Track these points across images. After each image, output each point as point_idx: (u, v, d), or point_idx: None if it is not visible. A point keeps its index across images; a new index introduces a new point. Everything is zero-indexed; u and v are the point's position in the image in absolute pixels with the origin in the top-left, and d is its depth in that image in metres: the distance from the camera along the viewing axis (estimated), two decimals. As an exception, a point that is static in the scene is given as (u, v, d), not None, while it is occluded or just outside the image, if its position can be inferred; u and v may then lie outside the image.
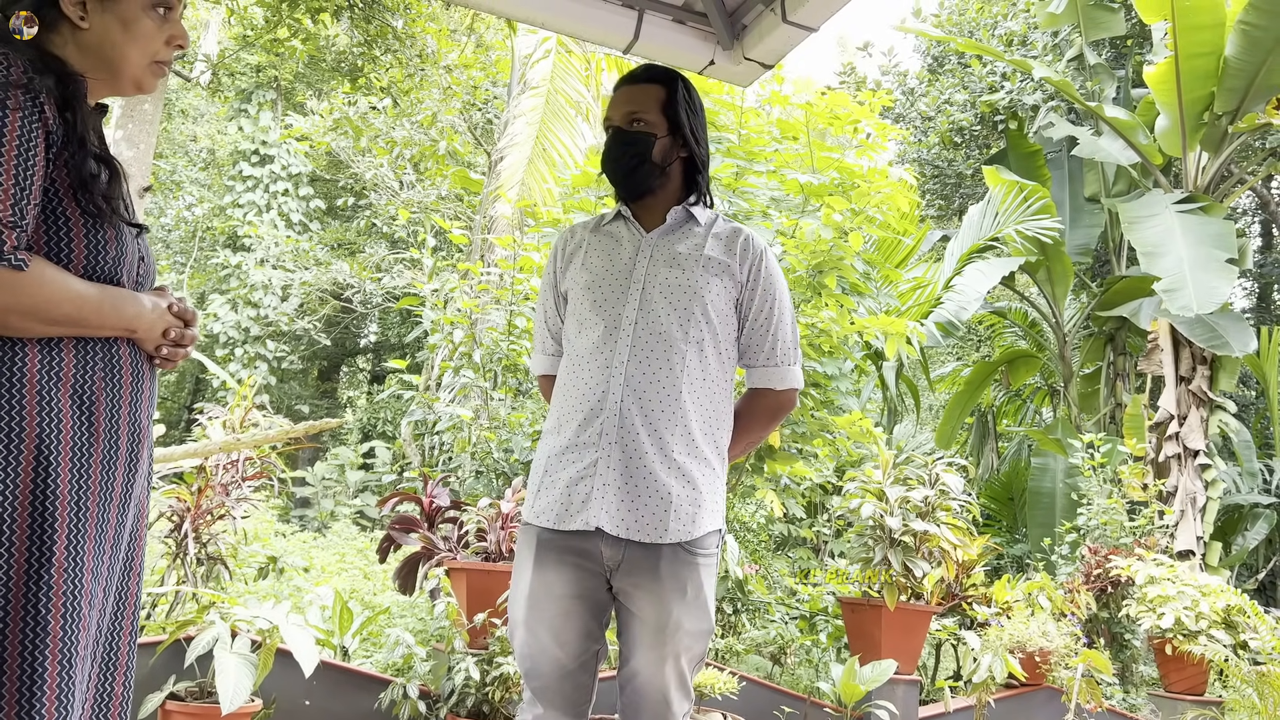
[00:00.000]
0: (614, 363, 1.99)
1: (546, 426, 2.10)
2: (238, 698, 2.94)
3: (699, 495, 1.98)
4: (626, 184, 2.11)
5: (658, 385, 1.98)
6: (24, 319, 1.31)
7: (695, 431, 2.00)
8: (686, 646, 1.95)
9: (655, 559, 1.93)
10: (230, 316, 15.39)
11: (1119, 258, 10.73)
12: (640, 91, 2.12)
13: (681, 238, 2.11)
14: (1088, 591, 5.28)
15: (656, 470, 1.95)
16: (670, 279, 2.05)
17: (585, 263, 2.12)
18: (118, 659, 1.47)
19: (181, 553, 4.03)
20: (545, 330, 2.23)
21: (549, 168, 8.63)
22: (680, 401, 1.99)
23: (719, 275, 2.08)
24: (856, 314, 5.03)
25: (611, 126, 2.11)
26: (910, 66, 14.42)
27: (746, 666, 4.78)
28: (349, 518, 11.74)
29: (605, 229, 2.17)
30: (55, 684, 1.28)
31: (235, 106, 16.22)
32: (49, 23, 1.43)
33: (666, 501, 1.94)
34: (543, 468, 2.04)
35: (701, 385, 2.03)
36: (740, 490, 5.09)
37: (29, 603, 1.27)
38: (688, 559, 1.95)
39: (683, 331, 2.02)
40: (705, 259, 2.08)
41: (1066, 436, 8.85)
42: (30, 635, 1.27)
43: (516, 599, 2.01)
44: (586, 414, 1.99)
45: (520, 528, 2.08)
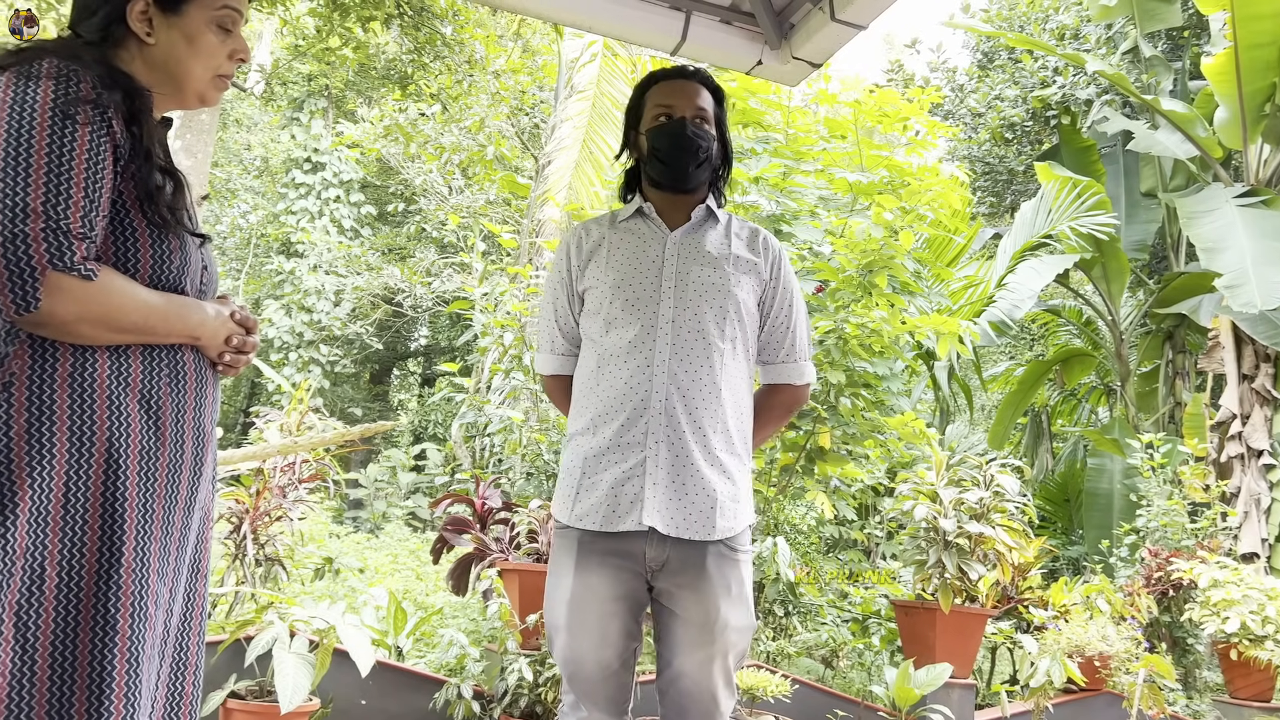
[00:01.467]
0: (655, 361, 1.99)
1: (576, 427, 2.07)
2: (296, 697, 2.99)
3: (738, 491, 2.01)
4: (689, 175, 2.10)
5: (700, 383, 1.99)
6: (94, 327, 1.34)
7: (732, 428, 2.03)
8: (733, 643, 1.96)
9: (701, 557, 1.94)
10: (284, 321, 15.66)
11: (1177, 253, 10.48)
12: (699, 92, 2.13)
13: (705, 235, 2.11)
14: (1148, 595, 5.16)
15: (702, 468, 1.96)
16: (705, 277, 2.05)
17: (610, 261, 2.10)
18: (187, 658, 1.50)
19: (240, 554, 4.11)
20: (556, 329, 2.19)
21: (596, 171, 8.66)
22: (720, 399, 2.01)
23: (748, 273, 2.10)
24: (908, 313, 4.98)
25: (677, 116, 2.09)
26: (959, 63, 14.24)
27: (798, 669, 4.75)
28: (401, 519, 11.87)
29: (624, 225, 2.15)
30: (123, 681, 1.32)
31: (288, 115, 16.51)
32: (117, 39, 1.48)
33: (713, 499, 1.96)
34: (579, 470, 2.02)
35: (736, 382, 2.05)
36: (791, 492, 5.06)
37: (99, 602, 1.31)
38: (730, 555, 1.97)
39: (719, 329, 2.03)
40: (735, 257, 2.09)
41: (1124, 436, 8.67)
42: (100, 634, 1.30)
43: (556, 603, 2.00)
44: (630, 414, 1.98)
45: (556, 531, 2.06)
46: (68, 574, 1.30)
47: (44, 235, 1.28)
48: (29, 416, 1.32)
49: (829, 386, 4.63)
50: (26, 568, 1.28)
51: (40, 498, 1.30)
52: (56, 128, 1.31)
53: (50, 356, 1.34)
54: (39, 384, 1.33)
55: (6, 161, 1.29)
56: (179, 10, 1.49)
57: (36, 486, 1.30)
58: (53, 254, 1.28)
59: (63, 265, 1.29)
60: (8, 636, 1.26)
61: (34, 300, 1.28)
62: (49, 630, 1.28)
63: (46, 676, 1.27)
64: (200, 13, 1.50)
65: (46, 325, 1.31)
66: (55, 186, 1.30)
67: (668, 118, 2.10)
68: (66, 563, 1.30)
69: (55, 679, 1.28)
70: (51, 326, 1.32)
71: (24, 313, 1.28)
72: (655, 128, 2.10)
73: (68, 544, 1.30)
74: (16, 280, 1.27)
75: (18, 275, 1.27)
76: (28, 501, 1.30)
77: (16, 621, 1.27)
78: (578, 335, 2.16)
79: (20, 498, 1.30)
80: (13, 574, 1.28)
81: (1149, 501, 6.48)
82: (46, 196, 1.29)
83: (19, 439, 1.31)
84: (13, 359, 1.33)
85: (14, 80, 1.33)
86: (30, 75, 1.33)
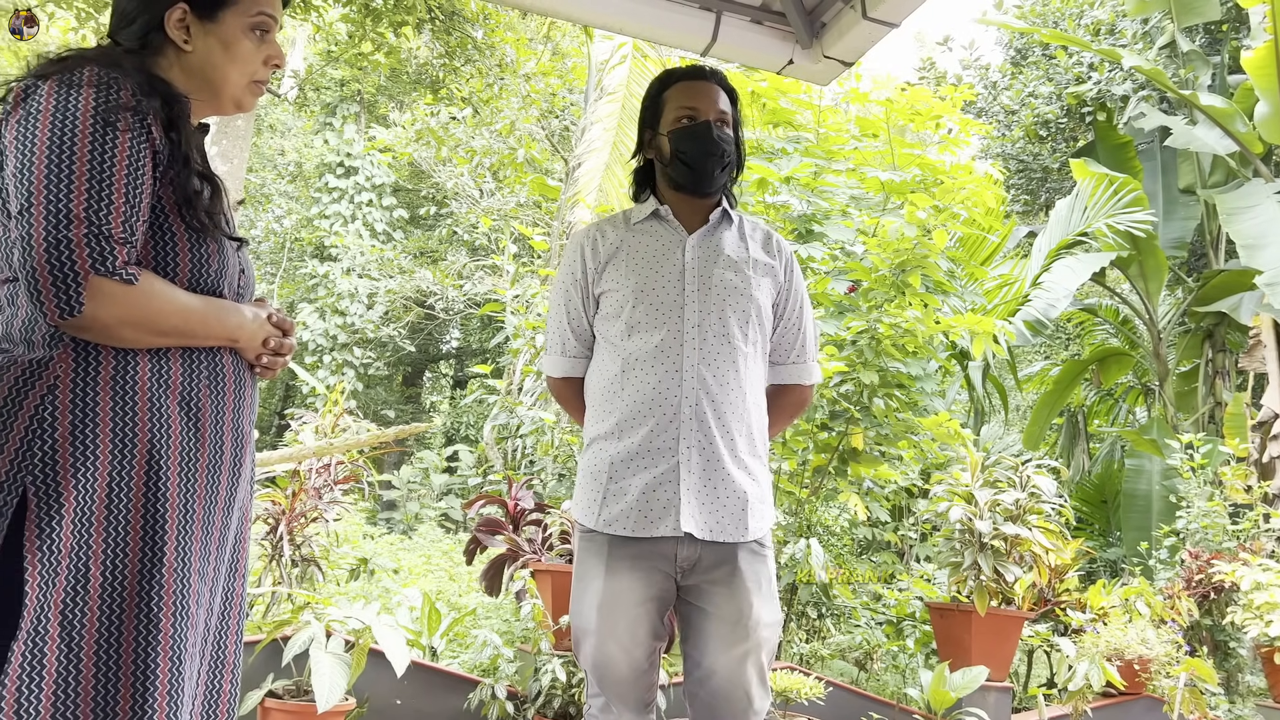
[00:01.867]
0: (684, 366, 1.98)
1: (598, 431, 2.05)
2: (333, 696, 3.01)
3: (764, 491, 2.04)
4: (713, 179, 2.09)
5: (727, 387, 2.00)
6: (135, 330, 1.36)
7: (755, 430, 2.05)
8: (766, 639, 1.97)
9: (733, 556, 1.96)
10: (318, 324, 15.82)
11: (1217, 251, 10.31)
12: (721, 94, 2.12)
13: (722, 238, 2.11)
14: (1189, 597, 5.08)
15: (732, 471, 1.98)
16: (727, 280, 2.05)
17: (629, 264, 2.07)
18: (225, 657, 1.52)
19: (277, 554, 4.15)
20: (567, 331, 2.16)
21: (626, 172, 8.62)
22: (745, 402, 2.02)
23: (766, 276, 2.11)
24: (941, 313, 4.94)
25: (701, 119, 2.07)
26: (992, 60, 14.10)
27: (832, 672, 4.72)
28: (434, 520, 11.94)
29: (640, 228, 2.13)
30: (166, 679, 1.33)
31: (321, 120, 16.68)
32: (155, 46, 1.50)
33: (744, 500, 1.98)
34: (605, 474, 2.00)
35: (756, 384, 2.08)
36: (823, 493, 5.04)
37: (142, 601, 1.33)
38: (760, 552, 2.01)
39: (743, 333, 2.04)
40: (754, 260, 2.10)
41: (1163, 437, 8.53)
42: (143, 632, 1.32)
43: (586, 607, 1.99)
44: (659, 419, 1.97)
45: (581, 535, 2.05)
46: (111, 573, 1.32)
47: (86, 240, 1.30)
48: (73, 419, 1.34)
49: (862, 387, 4.60)
50: (71, 567, 1.30)
51: (84, 498, 1.32)
52: (98, 135, 1.33)
53: (93, 360, 1.37)
54: (82, 387, 1.35)
55: (50, 168, 1.31)
56: (215, 18, 1.51)
57: (81, 487, 1.33)
58: (95, 259, 1.30)
59: (105, 270, 1.31)
60: (54, 635, 1.28)
61: (78, 305, 1.30)
62: (94, 628, 1.30)
63: (92, 674, 1.29)
64: (236, 20, 1.52)
65: (89, 329, 1.33)
66: (97, 192, 1.32)
67: (691, 120, 2.07)
68: (110, 562, 1.32)
69: (100, 676, 1.30)
70: (94, 330, 1.34)
71: (68, 317, 1.30)
72: (679, 130, 2.08)
73: (111, 544, 1.32)
74: (60, 285, 1.29)
75: (61, 280, 1.29)
76: (72, 502, 1.32)
77: (62, 620, 1.29)
78: (591, 338, 2.14)
79: (65, 498, 1.32)
80: (58, 573, 1.30)
81: (1189, 503, 6.37)
82: (89, 202, 1.31)
83: (63, 441, 1.33)
84: (56, 363, 1.35)
85: (56, 88, 1.35)
86: (72, 83, 1.35)
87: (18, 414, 1.33)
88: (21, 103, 1.37)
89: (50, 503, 1.32)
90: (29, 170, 1.32)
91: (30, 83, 1.38)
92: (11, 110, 1.38)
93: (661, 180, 2.15)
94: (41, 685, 1.27)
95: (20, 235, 1.31)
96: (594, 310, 2.12)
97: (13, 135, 1.35)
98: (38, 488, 1.32)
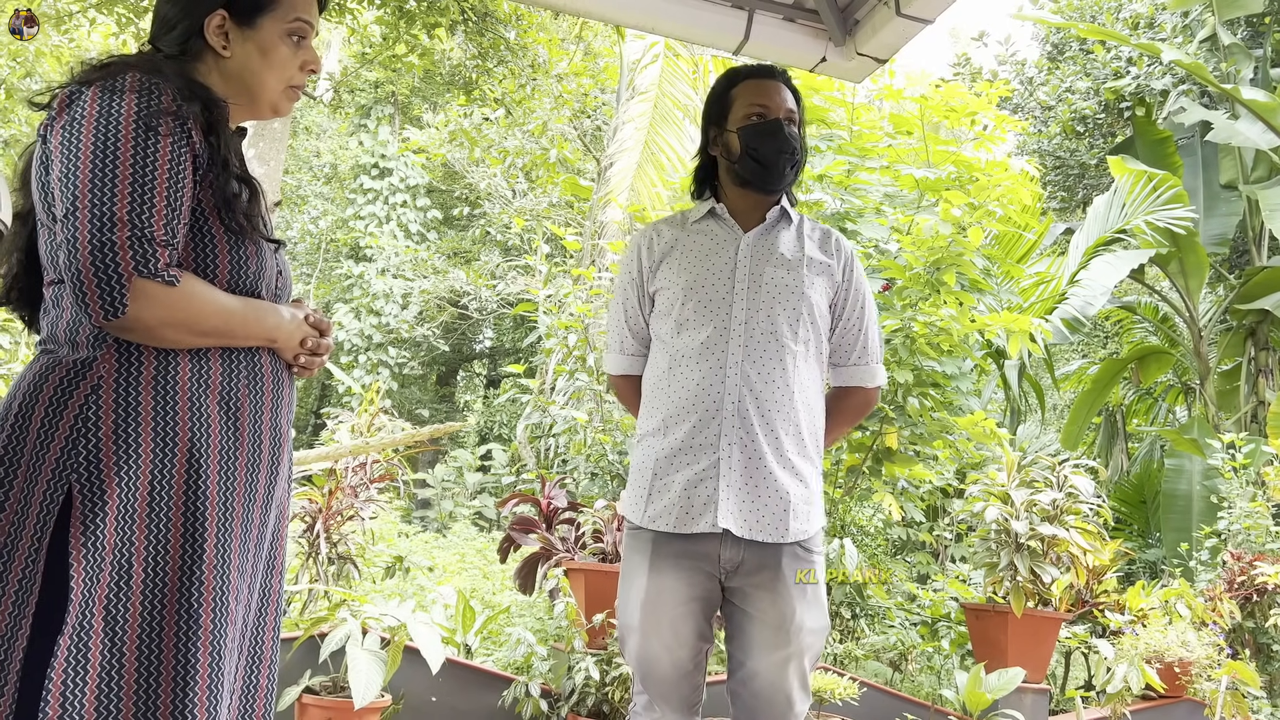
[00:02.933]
0: (728, 363, 1.99)
1: (647, 428, 2.07)
2: (369, 693, 3.05)
3: (811, 494, 2.01)
4: (782, 176, 2.09)
5: (773, 386, 1.98)
6: (176, 331, 1.39)
7: (804, 431, 2.02)
8: (809, 645, 1.96)
9: (776, 558, 1.94)
10: (354, 324, 15.97)
11: (1259, 247, 10.12)
12: (785, 93, 2.12)
13: (778, 237, 2.10)
14: (1231, 599, 5.00)
15: (775, 471, 1.96)
16: (779, 279, 2.04)
17: (682, 262, 2.09)
18: (263, 653, 1.54)
19: (314, 552, 4.20)
20: (626, 330, 2.19)
21: (658, 172, 8.66)
22: (793, 401, 2.00)
23: (821, 275, 2.08)
24: (977, 311, 4.89)
25: (770, 116, 2.07)
26: (1028, 55, 13.92)
27: (866, 673, 4.69)
28: (468, 519, 12.02)
29: (696, 227, 2.14)
30: (206, 673, 1.36)
31: (355, 122, 16.83)
32: (195, 52, 1.53)
33: (786, 501, 1.95)
34: (651, 471, 2.02)
35: (808, 385, 2.04)
36: (857, 493, 5.01)
37: (183, 597, 1.35)
38: (805, 557, 1.97)
39: (792, 332, 2.02)
40: (809, 259, 2.08)
41: (1204, 436, 8.39)
42: (184, 627, 1.35)
43: (630, 605, 2.01)
44: (701, 415, 1.98)
45: (628, 532, 2.07)
46: (153, 570, 1.34)
47: (130, 243, 1.33)
48: (116, 418, 1.37)
49: (896, 386, 4.57)
50: (115, 564, 1.33)
51: (127, 496, 1.35)
52: (140, 139, 1.36)
53: (135, 360, 1.39)
54: (124, 387, 1.38)
55: (94, 173, 1.34)
56: (254, 24, 1.53)
57: (123, 485, 1.35)
58: (138, 261, 1.33)
59: (148, 272, 1.34)
60: (98, 630, 1.31)
61: (121, 306, 1.32)
62: (136, 624, 1.32)
63: (134, 668, 1.32)
64: (274, 26, 1.54)
65: (132, 330, 1.36)
66: (140, 196, 1.34)
67: (761, 117, 2.08)
68: (152, 559, 1.34)
69: (142, 670, 1.32)
70: (137, 331, 1.36)
71: (112, 318, 1.33)
72: (749, 126, 2.08)
73: (153, 541, 1.35)
74: (105, 287, 1.31)
75: (106, 282, 1.31)
76: (115, 500, 1.35)
77: (106, 615, 1.31)
78: (647, 336, 2.17)
79: (109, 496, 1.35)
80: (102, 569, 1.33)
81: (1230, 503, 6.27)
82: (132, 206, 1.34)
83: (107, 440, 1.36)
84: (100, 363, 1.38)
85: (99, 94, 1.38)
86: (114, 89, 1.38)
87: (63, 413, 1.36)
88: (66, 108, 1.40)
89: (94, 501, 1.35)
90: (74, 175, 1.34)
91: (74, 89, 1.41)
92: (56, 116, 1.41)
93: (726, 176, 2.16)
94: (86, 680, 1.30)
95: (66, 238, 1.34)
96: (650, 308, 2.15)
97: (58, 140, 1.38)
98: (82, 486, 1.35)
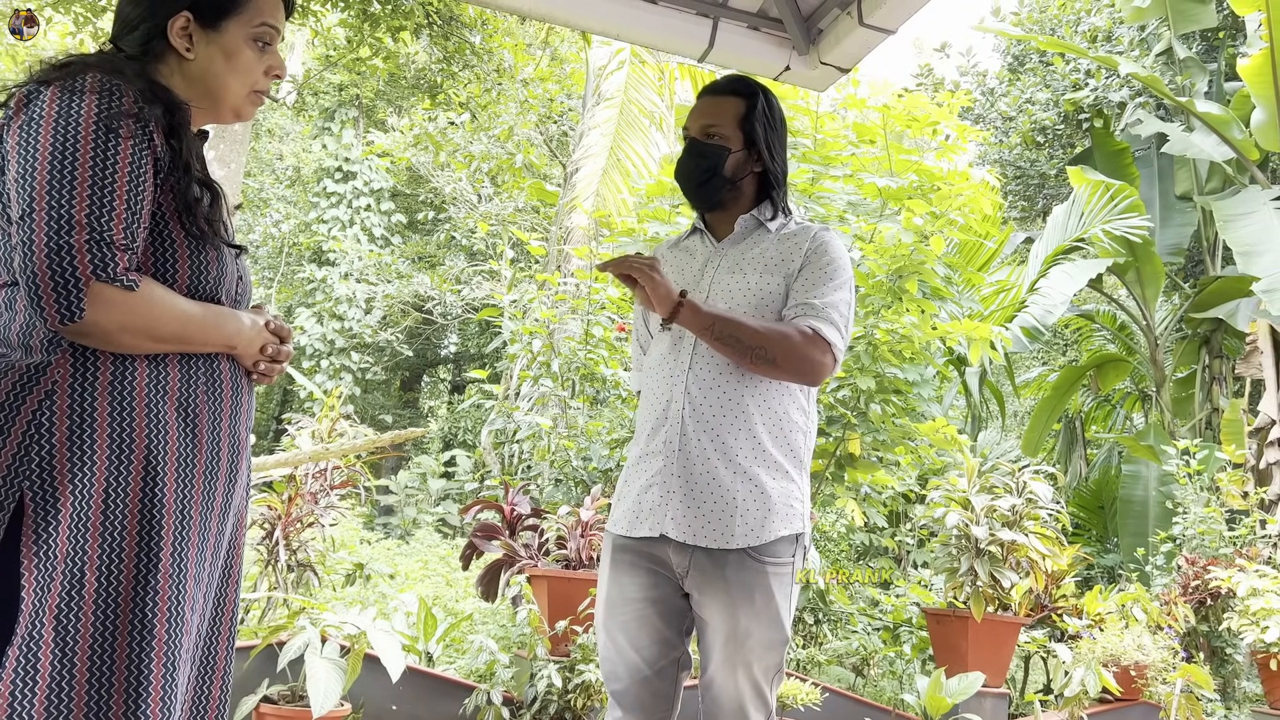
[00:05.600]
0: (676, 373, 2.03)
1: (633, 438, 2.16)
2: (328, 702, 3.02)
3: (768, 500, 1.95)
4: (697, 195, 2.12)
5: (718, 392, 1.99)
6: (135, 336, 1.37)
7: (763, 437, 1.98)
8: (758, 656, 1.92)
9: (722, 565, 1.93)
10: (316, 329, 15.82)
11: (1213, 257, 10.34)
12: (719, 104, 2.10)
13: (750, 245, 2.10)
14: (1185, 604, 5.09)
15: (721, 476, 1.95)
16: (730, 284, 2.05)
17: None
18: (216, 662, 1.52)
19: (273, 559, 4.15)
20: (639, 347, 2.27)
21: (623, 178, 8.68)
22: (743, 407, 1.98)
23: (775, 273, 2.04)
24: (938, 319, 4.95)
25: (688, 137, 2.12)
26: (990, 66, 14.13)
27: (828, 678, 4.72)
28: (431, 525, 11.94)
29: (683, 244, 2.21)
30: (160, 684, 1.34)
31: (319, 125, 16.68)
32: (157, 54, 1.50)
33: (731, 507, 1.93)
34: (623, 477, 2.11)
35: (767, 389, 2.00)
36: (820, 499, 5.04)
37: (137, 607, 1.33)
38: (755, 566, 1.92)
39: None
40: (766, 260, 2.06)
41: (1160, 443, 8.54)
42: (137, 637, 1.33)
43: (598, 604, 2.08)
44: (654, 423, 2.04)
45: (604, 535, 2.14)
46: (106, 579, 1.32)
47: (88, 246, 1.31)
48: (70, 424, 1.34)
49: (859, 393, 4.61)
50: (66, 572, 1.30)
51: (81, 504, 1.33)
52: (100, 141, 1.34)
53: (91, 365, 1.37)
54: (80, 392, 1.36)
55: (52, 174, 1.32)
56: (219, 27, 1.51)
57: (77, 493, 1.33)
58: (96, 265, 1.31)
59: (106, 276, 1.32)
60: (48, 640, 1.28)
61: (78, 310, 1.30)
62: (88, 634, 1.30)
63: (85, 679, 1.29)
64: (239, 30, 1.52)
65: (89, 334, 1.34)
66: (99, 199, 1.32)
67: (684, 139, 2.14)
68: (105, 568, 1.32)
69: (94, 681, 1.30)
70: (94, 336, 1.34)
71: (68, 322, 1.30)
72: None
73: (107, 549, 1.33)
74: (62, 290, 1.29)
75: (63, 286, 1.29)
76: (69, 508, 1.32)
77: (56, 625, 1.29)
78: None
79: (62, 504, 1.32)
80: (54, 578, 1.30)
81: (1185, 509, 6.38)
82: (90, 208, 1.31)
83: (61, 446, 1.34)
84: (54, 368, 1.36)
85: (59, 94, 1.36)
86: (74, 89, 1.36)
87: (15, 418, 1.34)
88: (24, 108, 1.37)
89: (47, 507, 1.32)
90: (31, 176, 1.32)
91: (32, 88, 1.39)
92: (14, 116, 1.38)
93: None
94: (35, 689, 1.27)
95: (22, 240, 1.31)
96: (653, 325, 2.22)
97: (15, 141, 1.36)
98: (35, 492, 1.32)
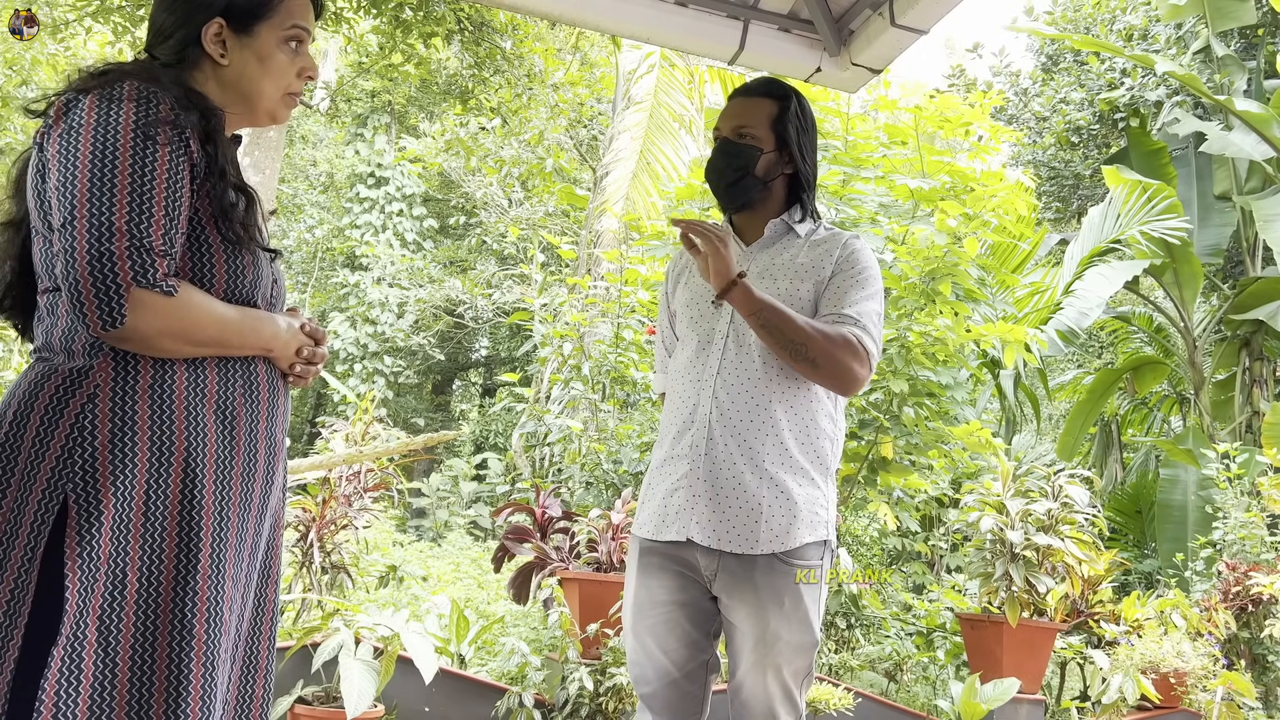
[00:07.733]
0: (704, 376, 2.02)
1: (658, 440, 2.16)
2: (361, 703, 3.04)
3: (794, 506, 1.94)
4: (727, 196, 2.11)
5: (745, 397, 1.98)
6: (174, 341, 1.38)
7: (789, 442, 1.98)
8: (787, 660, 1.92)
9: (751, 569, 1.93)
10: (349, 333, 15.96)
11: (1253, 258, 10.16)
12: (751, 105, 2.10)
13: (780, 250, 2.09)
14: (1226, 610, 5.00)
15: (746, 481, 1.94)
16: (760, 290, 2.01)
17: (688, 282, 2.16)
18: (258, 662, 1.54)
19: (307, 561, 4.19)
20: (663, 349, 2.27)
21: (653, 181, 8.69)
22: (771, 413, 1.97)
23: (805, 279, 2.04)
24: (972, 321, 4.90)
25: (719, 137, 2.12)
26: (1023, 66, 13.99)
27: (861, 683, 4.69)
28: (463, 528, 11.99)
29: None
30: (199, 683, 1.35)
31: (352, 131, 16.84)
32: (192, 61, 1.52)
33: (757, 512, 1.93)
34: (647, 480, 2.11)
35: (796, 396, 1.99)
36: (852, 503, 5.01)
37: (176, 607, 1.35)
38: (784, 569, 1.93)
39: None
40: (796, 266, 2.05)
41: (1199, 446, 8.41)
42: (177, 637, 1.34)
43: (625, 607, 2.08)
44: (680, 427, 2.03)
45: (631, 538, 2.14)
46: (147, 580, 1.34)
47: (128, 253, 1.32)
48: (112, 427, 1.36)
49: (891, 396, 4.57)
50: (109, 574, 1.32)
51: (122, 506, 1.34)
52: (138, 149, 1.36)
53: (131, 369, 1.39)
54: (121, 396, 1.38)
55: (92, 182, 1.34)
56: (251, 31, 1.53)
57: (119, 495, 1.35)
58: (136, 271, 1.33)
59: (146, 282, 1.33)
60: (91, 640, 1.30)
61: (120, 316, 1.32)
62: (129, 634, 1.32)
63: (127, 678, 1.31)
64: (271, 33, 1.54)
65: (130, 339, 1.36)
66: (138, 205, 1.34)
67: (715, 140, 2.14)
68: (146, 569, 1.34)
69: (135, 681, 1.32)
70: (134, 341, 1.36)
71: (110, 328, 1.32)
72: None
73: (148, 550, 1.34)
74: (103, 297, 1.31)
75: (104, 292, 1.31)
76: (111, 510, 1.34)
77: (100, 626, 1.31)
78: None
79: (104, 506, 1.34)
80: (97, 579, 1.32)
81: (1226, 514, 6.28)
82: (130, 215, 1.33)
83: (103, 449, 1.36)
84: (96, 372, 1.38)
85: (97, 102, 1.38)
86: (112, 97, 1.38)
87: (59, 422, 1.36)
88: (63, 116, 1.40)
89: (90, 510, 1.34)
90: (72, 184, 1.34)
91: (71, 97, 1.41)
92: (54, 124, 1.40)
93: None
94: (79, 690, 1.29)
95: (64, 248, 1.33)
96: (677, 327, 2.22)
97: (55, 149, 1.38)
98: (78, 495, 1.34)
